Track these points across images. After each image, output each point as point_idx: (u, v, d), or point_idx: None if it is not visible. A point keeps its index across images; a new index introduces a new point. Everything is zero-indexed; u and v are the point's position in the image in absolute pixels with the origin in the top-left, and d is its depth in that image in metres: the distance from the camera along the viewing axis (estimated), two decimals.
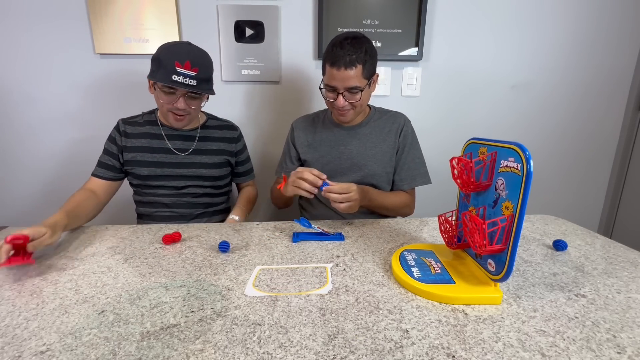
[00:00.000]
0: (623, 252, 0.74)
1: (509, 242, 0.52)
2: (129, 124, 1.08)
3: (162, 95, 0.97)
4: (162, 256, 0.73)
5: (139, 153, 1.06)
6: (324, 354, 0.43)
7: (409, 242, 0.80)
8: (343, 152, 1.08)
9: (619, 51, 1.51)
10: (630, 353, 0.44)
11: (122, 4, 1.31)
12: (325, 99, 1.02)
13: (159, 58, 0.94)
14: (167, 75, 0.92)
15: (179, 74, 0.93)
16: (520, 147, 0.51)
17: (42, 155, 1.44)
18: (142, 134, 1.07)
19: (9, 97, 1.37)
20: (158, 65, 0.95)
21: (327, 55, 0.94)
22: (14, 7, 1.29)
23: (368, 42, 0.95)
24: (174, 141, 1.08)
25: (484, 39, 1.46)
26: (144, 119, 1.10)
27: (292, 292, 0.58)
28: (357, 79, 0.93)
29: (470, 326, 0.49)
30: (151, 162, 1.06)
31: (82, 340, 0.46)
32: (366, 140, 1.07)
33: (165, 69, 0.93)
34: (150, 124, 1.09)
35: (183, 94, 0.97)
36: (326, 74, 0.97)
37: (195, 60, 0.96)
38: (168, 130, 1.08)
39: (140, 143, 1.07)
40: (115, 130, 1.08)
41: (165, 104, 0.98)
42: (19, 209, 1.48)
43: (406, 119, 1.11)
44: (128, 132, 1.07)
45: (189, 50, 0.97)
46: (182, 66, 0.93)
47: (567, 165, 1.64)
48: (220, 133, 1.14)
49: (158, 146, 1.07)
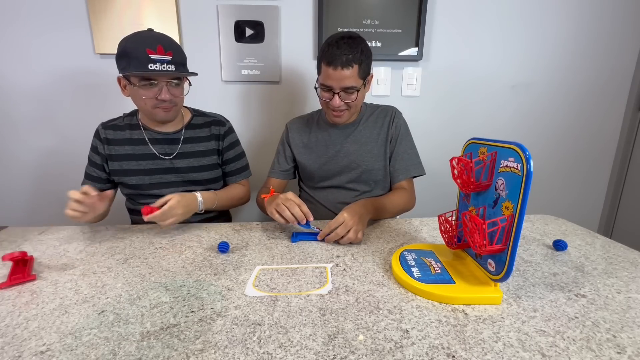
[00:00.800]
0: (623, 252, 0.74)
1: (509, 242, 0.52)
2: (110, 128, 1.00)
3: (141, 91, 0.88)
4: (162, 256, 0.73)
5: (124, 161, 0.99)
6: (324, 354, 0.43)
7: (409, 242, 0.80)
8: (339, 152, 1.07)
9: (619, 51, 1.51)
10: (630, 353, 0.44)
11: (122, 4, 1.31)
12: (321, 99, 1.00)
13: (126, 51, 0.85)
14: (142, 66, 0.84)
15: (154, 61, 0.84)
16: (520, 147, 0.51)
17: (43, 154, 1.44)
18: (125, 140, 1.00)
19: (9, 96, 1.37)
20: (127, 59, 0.85)
21: (323, 55, 0.93)
22: (14, 8, 1.29)
23: (363, 42, 0.94)
24: (157, 145, 1.01)
25: (484, 39, 1.46)
26: (125, 122, 1.02)
27: (292, 292, 0.58)
28: (353, 78, 0.92)
29: (470, 326, 0.49)
30: (138, 170, 1.00)
31: (82, 340, 0.46)
32: (360, 137, 1.07)
33: (138, 60, 0.84)
34: (131, 128, 1.01)
35: (165, 82, 0.89)
36: (322, 73, 0.95)
37: (166, 44, 0.87)
38: (151, 134, 1.00)
39: (124, 150, 0.99)
40: (95, 138, 1.00)
41: (147, 99, 0.90)
42: (18, 209, 1.48)
43: (396, 110, 1.09)
44: (110, 139, 0.99)
45: (155, 35, 0.88)
46: (155, 52, 0.84)
47: (567, 165, 1.64)
48: (207, 131, 1.06)
49: (142, 152, 1.00)
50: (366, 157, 1.06)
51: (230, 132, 1.10)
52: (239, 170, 1.13)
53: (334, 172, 1.09)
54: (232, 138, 1.10)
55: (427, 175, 1.06)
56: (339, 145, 1.07)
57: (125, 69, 0.87)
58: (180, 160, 1.02)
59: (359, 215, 0.80)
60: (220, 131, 1.07)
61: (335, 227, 0.77)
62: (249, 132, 1.49)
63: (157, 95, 0.90)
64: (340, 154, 1.07)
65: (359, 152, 1.06)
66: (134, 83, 0.88)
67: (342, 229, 0.76)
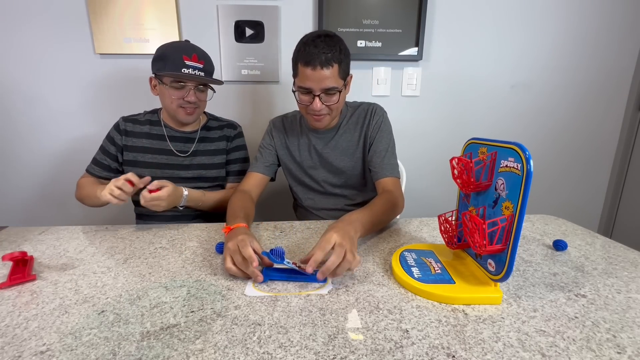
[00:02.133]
0: (623, 252, 0.74)
1: (509, 242, 0.52)
2: (131, 121, 1.08)
3: (171, 91, 0.98)
4: (162, 256, 0.73)
5: (139, 153, 1.06)
6: (324, 354, 0.43)
7: (409, 242, 0.80)
8: (321, 158, 1.04)
9: (619, 51, 1.51)
10: (630, 353, 0.44)
11: (122, 4, 1.31)
12: (299, 104, 0.94)
13: (164, 55, 0.97)
14: (177, 68, 0.95)
15: (187, 66, 0.96)
16: (520, 147, 0.51)
17: (43, 154, 1.44)
18: (144, 133, 1.07)
19: (10, 96, 1.37)
20: (164, 61, 0.96)
21: (300, 55, 0.86)
22: (14, 7, 1.29)
23: (341, 40, 0.89)
24: (175, 143, 1.08)
25: (484, 39, 1.46)
26: (146, 117, 1.10)
27: (292, 292, 0.58)
28: (334, 79, 0.86)
29: (470, 326, 0.49)
30: (152, 164, 1.06)
31: (82, 340, 0.46)
32: (342, 142, 1.03)
33: (174, 64, 0.95)
34: (151, 124, 1.08)
35: (193, 86, 0.99)
36: (299, 75, 0.89)
37: (201, 54, 1.00)
38: (170, 131, 1.08)
39: (141, 143, 1.06)
40: (114, 129, 1.07)
41: (175, 99, 0.99)
42: (19, 208, 1.48)
43: (376, 108, 1.02)
44: (129, 131, 1.07)
45: (192, 46, 1.01)
46: (190, 59, 0.96)
47: (567, 165, 1.64)
48: (220, 132, 1.14)
49: (159, 147, 1.07)
50: (349, 163, 1.03)
51: (239, 135, 1.18)
52: (236, 172, 1.16)
53: (318, 179, 1.06)
54: (240, 141, 1.18)
55: (427, 175, 1.06)
56: (322, 151, 1.03)
57: (160, 70, 0.97)
58: (193, 158, 1.09)
59: (349, 236, 0.63)
60: (231, 133, 1.15)
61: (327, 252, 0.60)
62: (249, 132, 1.49)
63: (184, 96, 0.98)
64: (323, 161, 1.04)
65: (342, 159, 1.03)
66: (165, 83, 0.97)
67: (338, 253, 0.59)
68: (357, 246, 0.66)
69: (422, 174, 1.59)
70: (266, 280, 0.61)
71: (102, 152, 1.07)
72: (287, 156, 1.08)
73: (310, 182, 1.08)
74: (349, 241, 0.62)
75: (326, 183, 1.06)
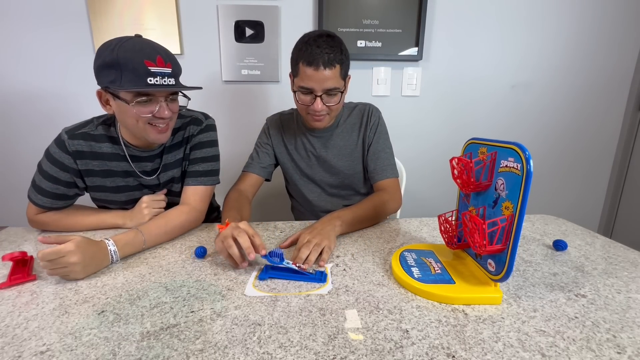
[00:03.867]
0: (623, 252, 0.74)
1: (509, 242, 0.52)
2: (80, 137, 0.83)
3: (136, 109, 0.74)
4: (162, 256, 0.73)
5: (106, 178, 0.87)
6: (324, 354, 0.43)
7: (409, 242, 0.80)
8: (318, 158, 1.04)
9: (619, 51, 1.51)
10: (630, 353, 0.44)
11: (122, 4, 1.31)
12: (299, 104, 0.92)
13: (118, 62, 0.70)
14: (141, 80, 0.71)
15: (153, 74, 0.72)
16: (520, 147, 0.51)
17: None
18: (104, 154, 0.85)
19: (10, 96, 1.37)
20: (118, 71, 0.71)
21: (301, 54, 0.85)
22: (14, 7, 1.30)
23: (342, 41, 0.88)
24: (139, 163, 0.88)
25: (484, 39, 1.46)
26: (101, 131, 0.85)
27: (292, 292, 0.58)
28: (336, 79, 0.86)
29: (470, 326, 0.49)
30: (122, 187, 0.89)
31: (82, 340, 0.46)
32: (338, 142, 1.02)
33: (134, 73, 0.70)
34: (110, 141, 0.85)
35: (164, 98, 0.76)
36: (300, 74, 0.87)
37: (165, 55, 0.75)
38: (133, 151, 0.86)
39: (104, 166, 0.85)
40: (60, 151, 0.82)
41: (143, 117, 0.75)
42: (18, 209, 1.48)
43: (372, 109, 1.03)
44: (83, 152, 0.83)
45: (151, 44, 0.75)
46: (154, 64, 0.72)
47: (567, 165, 1.64)
48: (181, 135, 0.92)
49: (125, 169, 0.87)
50: (346, 163, 1.03)
51: (205, 130, 0.93)
52: (198, 174, 0.90)
53: (314, 178, 1.06)
54: (204, 137, 0.93)
55: (427, 175, 1.06)
56: (319, 151, 1.03)
57: (115, 83, 0.71)
58: (163, 174, 0.91)
59: (323, 233, 0.73)
60: (194, 131, 0.92)
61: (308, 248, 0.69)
62: (249, 133, 1.49)
63: (154, 112, 0.76)
64: (320, 160, 1.04)
65: (338, 158, 1.03)
66: (124, 99, 0.73)
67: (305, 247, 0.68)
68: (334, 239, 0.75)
69: (422, 174, 1.59)
70: (266, 279, 0.63)
71: (48, 180, 0.82)
72: (284, 154, 1.07)
73: (307, 182, 1.08)
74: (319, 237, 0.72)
75: (324, 183, 1.06)
